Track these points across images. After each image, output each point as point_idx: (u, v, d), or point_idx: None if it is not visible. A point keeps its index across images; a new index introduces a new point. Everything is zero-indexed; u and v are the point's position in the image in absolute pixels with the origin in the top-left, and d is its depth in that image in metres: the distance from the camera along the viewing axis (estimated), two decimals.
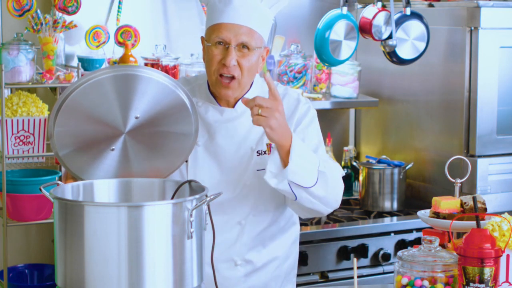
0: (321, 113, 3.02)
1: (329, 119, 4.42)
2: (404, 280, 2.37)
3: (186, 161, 2.67)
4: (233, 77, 2.61)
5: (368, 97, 4.30)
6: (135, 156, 2.48)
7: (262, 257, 2.76)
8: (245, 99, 2.49)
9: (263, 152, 2.70)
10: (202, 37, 2.72)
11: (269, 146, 2.71)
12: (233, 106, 2.71)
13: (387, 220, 3.91)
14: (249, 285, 2.75)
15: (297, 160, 2.50)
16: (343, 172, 2.74)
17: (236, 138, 2.70)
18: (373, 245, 3.78)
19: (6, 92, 3.49)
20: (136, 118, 2.41)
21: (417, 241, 3.79)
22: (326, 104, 4.11)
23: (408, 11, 3.64)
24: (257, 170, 2.69)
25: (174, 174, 2.62)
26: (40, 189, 2.30)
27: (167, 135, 2.48)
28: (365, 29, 3.63)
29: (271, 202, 2.75)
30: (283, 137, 2.49)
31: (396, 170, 4.05)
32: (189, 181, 2.46)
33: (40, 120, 3.44)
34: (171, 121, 2.46)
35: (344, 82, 4.16)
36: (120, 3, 3.87)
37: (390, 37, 3.61)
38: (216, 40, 2.60)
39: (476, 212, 2.41)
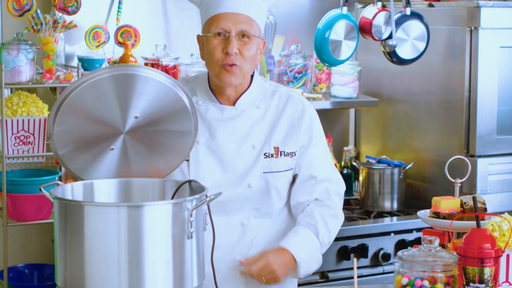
0: (321, 113, 3.02)
1: (329, 119, 4.42)
2: (404, 280, 2.37)
3: (188, 160, 2.67)
4: (237, 65, 2.62)
5: (368, 97, 4.30)
6: (135, 155, 2.48)
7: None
8: (243, 272, 2.66)
9: (270, 155, 2.71)
10: (198, 36, 2.72)
11: (276, 149, 2.72)
12: (233, 104, 2.71)
13: (387, 220, 3.91)
14: (251, 285, 2.75)
15: (305, 267, 2.68)
16: (344, 187, 2.84)
17: (237, 136, 2.70)
18: (373, 245, 3.78)
19: (6, 92, 3.49)
20: (136, 117, 2.42)
21: (417, 241, 3.79)
22: (326, 104, 4.11)
23: (408, 11, 3.64)
24: (264, 172, 2.70)
25: (176, 173, 2.62)
26: (40, 189, 2.31)
27: (167, 134, 2.48)
28: (365, 29, 3.63)
29: (275, 205, 2.76)
30: (289, 267, 2.66)
31: (396, 170, 4.04)
32: (189, 181, 2.46)
33: (40, 120, 3.44)
34: (171, 120, 2.46)
35: (344, 82, 4.16)
36: (120, 3, 3.86)
37: (390, 37, 3.61)
38: (216, 31, 2.61)
39: (476, 212, 2.41)
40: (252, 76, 2.74)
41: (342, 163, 4.31)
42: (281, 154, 2.72)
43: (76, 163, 2.47)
